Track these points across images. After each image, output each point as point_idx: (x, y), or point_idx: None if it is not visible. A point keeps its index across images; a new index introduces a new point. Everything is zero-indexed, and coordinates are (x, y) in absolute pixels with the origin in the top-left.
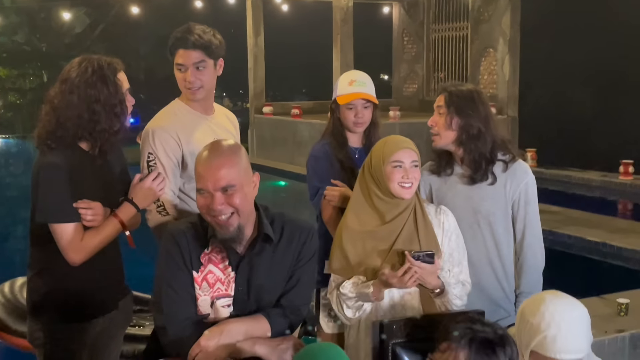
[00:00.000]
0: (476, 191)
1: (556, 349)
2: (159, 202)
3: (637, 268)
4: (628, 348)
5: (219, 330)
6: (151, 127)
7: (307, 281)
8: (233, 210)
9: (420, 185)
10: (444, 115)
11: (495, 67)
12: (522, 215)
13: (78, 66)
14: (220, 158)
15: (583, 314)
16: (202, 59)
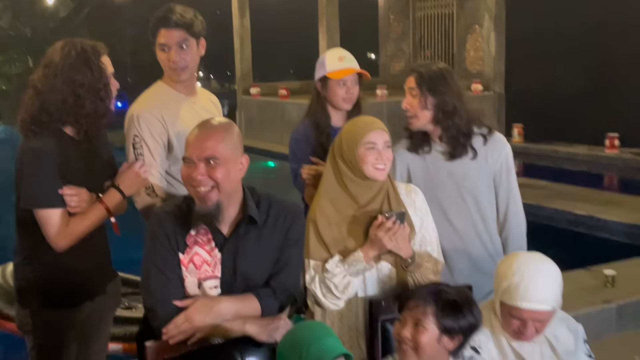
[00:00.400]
0: (459, 166)
1: (518, 296)
2: (147, 184)
3: (623, 240)
4: (615, 318)
5: (209, 307)
6: (135, 109)
7: (296, 262)
8: (213, 184)
9: (397, 164)
10: (417, 96)
11: (481, 43)
12: (505, 185)
13: (61, 50)
14: (210, 130)
15: (550, 269)
16: (185, 37)
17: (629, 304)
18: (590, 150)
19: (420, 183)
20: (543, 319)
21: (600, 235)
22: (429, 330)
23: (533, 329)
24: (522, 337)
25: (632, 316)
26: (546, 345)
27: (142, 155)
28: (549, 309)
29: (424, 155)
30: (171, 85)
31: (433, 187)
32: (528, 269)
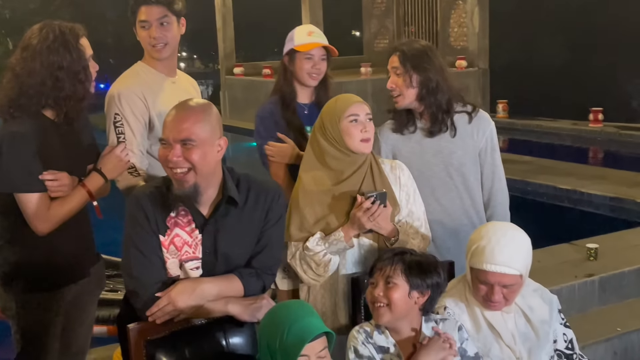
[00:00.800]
0: (445, 144)
1: (483, 259)
2: (130, 163)
3: (607, 214)
4: (598, 291)
5: (191, 288)
6: (116, 88)
7: (277, 242)
8: (190, 166)
9: (382, 146)
10: (401, 74)
11: (465, 19)
12: (490, 162)
13: (39, 32)
14: (187, 112)
15: (518, 235)
16: (166, 14)
17: (612, 276)
18: (574, 125)
19: (408, 163)
20: (510, 284)
21: (584, 209)
22: (399, 285)
23: (501, 295)
24: (491, 304)
25: (615, 289)
26: (520, 315)
27: (123, 134)
28: (514, 273)
29: (409, 135)
30: (152, 65)
31: (420, 165)
32: (495, 234)
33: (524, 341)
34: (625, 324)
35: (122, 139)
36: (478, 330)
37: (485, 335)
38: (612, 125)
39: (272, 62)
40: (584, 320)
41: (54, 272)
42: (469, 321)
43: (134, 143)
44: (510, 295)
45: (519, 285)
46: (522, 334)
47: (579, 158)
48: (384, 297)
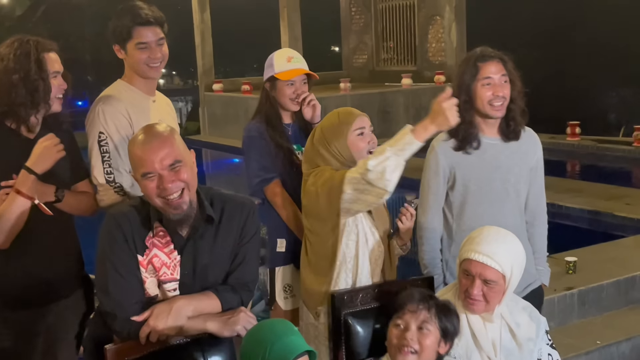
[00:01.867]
0: (504, 160)
1: (470, 248)
2: (116, 184)
3: (585, 227)
4: (577, 304)
5: (167, 309)
6: (99, 106)
7: (253, 258)
8: (183, 186)
9: (440, 159)
10: (507, 81)
11: (443, 34)
12: (539, 182)
13: (9, 43)
14: (159, 138)
15: (511, 239)
16: (161, 34)
17: (591, 289)
18: (551, 139)
19: (467, 177)
20: (490, 280)
21: (562, 222)
22: (432, 332)
23: (480, 290)
24: (470, 301)
25: (594, 302)
26: (506, 330)
27: (108, 152)
28: (496, 268)
29: (472, 152)
30: (133, 84)
31: (479, 180)
32: (490, 232)
33: (507, 355)
34: (605, 337)
35: (106, 157)
36: (460, 336)
37: (467, 341)
38: (590, 139)
39: (251, 78)
40: (564, 334)
41: (27, 292)
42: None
43: (119, 162)
44: (490, 296)
45: (501, 287)
46: (505, 348)
47: (556, 171)
48: (415, 343)
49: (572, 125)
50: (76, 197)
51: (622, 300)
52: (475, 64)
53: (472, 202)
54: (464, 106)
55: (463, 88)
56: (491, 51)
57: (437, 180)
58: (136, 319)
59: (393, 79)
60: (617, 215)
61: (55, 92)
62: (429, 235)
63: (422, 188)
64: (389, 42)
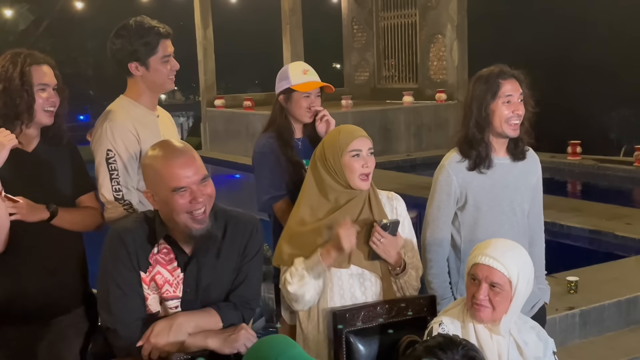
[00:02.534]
0: (512, 179)
1: (476, 253)
2: (125, 201)
3: (586, 246)
4: (578, 324)
5: (168, 325)
6: (107, 123)
7: (255, 276)
8: (206, 202)
9: (452, 178)
10: (522, 101)
11: (444, 53)
12: (538, 201)
13: (4, 57)
14: (186, 154)
15: (519, 248)
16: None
17: (592, 309)
18: (553, 158)
19: (478, 197)
20: (497, 283)
21: (563, 242)
22: None
23: (486, 294)
24: (476, 307)
25: (595, 322)
26: (514, 347)
27: (116, 170)
28: (502, 271)
29: (485, 171)
30: (137, 100)
31: (489, 200)
32: (498, 240)
33: None
34: (605, 357)
35: (115, 175)
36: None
37: None
38: (591, 158)
39: (253, 94)
40: (565, 354)
41: (25, 307)
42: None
43: (127, 179)
44: (496, 301)
45: (507, 294)
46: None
47: (557, 190)
48: None
49: (573, 144)
50: (73, 213)
51: (623, 321)
52: (497, 81)
53: (483, 222)
54: (478, 126)
55: (482, 106)
56: (509, 69)
57: (448, 201)
58: (140, 343)
59: (394, 96)
60: (618, 235)
61: (42, 104)
62: (438, 257)
63: (432, 209)
64: (390, 59)
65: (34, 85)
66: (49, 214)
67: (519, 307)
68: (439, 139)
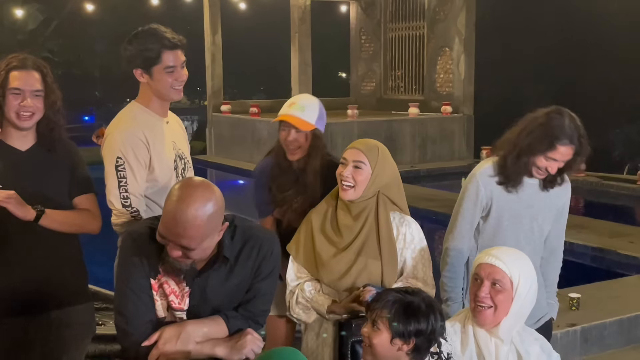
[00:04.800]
0: (537, 199)
1: (481, 255)
2: (132, 209)
3: (588, 263)
4: (579, 341)
5: (176, 332)
6: (117, 130)
7: (266, 294)
8: (188, 259)
9: (480, 189)
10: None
11: (451, 66)
12: (562, 223)
13: (4, 58)
14: (187, 219)
15: (523, 256)
16: (184, 57)
17: (593, 327)
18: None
19: (501, 211)
20: (498, 280)
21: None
22: (382, 331)
23: (487, 291)
24: (478, 305)
25: (597, 339)
26: (514, 355)
27: (125, 178)
28: (504, 270)
29: (511, 190)
30: (148, 106)
31: (512, 216)
32: (504, 247)
33: None
34: None
35: (123, 183)
36: (464, 349)
37: (471, 355)
38: (594, 175)
39: (260, 100)
40: None
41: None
42: (459, 340)
43: (136, 187)
44: (497, 299)
45: (508, 294)
46: None
47: None
48: (367, 338)
49: None
50: (64, 214)
51: (624, 339)
52: (554, 143)
53: (502, 235)
54: (525, 154)
55: (530, 148)
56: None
57: (474, 210)
58: (145, 344)
59: (400, 107)
60: (620, 253)
61: (14, 108)
62: (456, 262)
63: (457, 215)
64: (397, 70)
65: (7, 89)
66: (35, 213)
67: (520, 314)
68: (444, 151)
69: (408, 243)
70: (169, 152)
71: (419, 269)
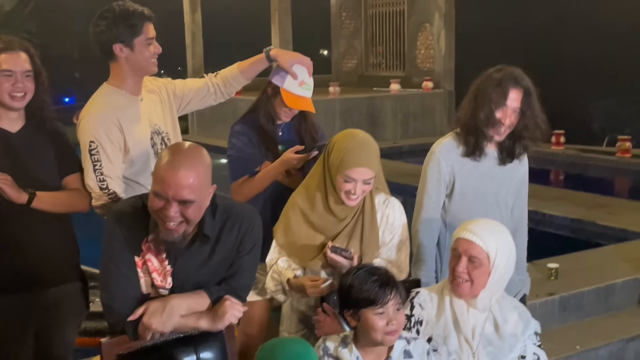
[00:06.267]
0: (498, 171)
1: (460, 228)
2: (109, 191)
3: (567, 234)
4: (558, 309)
5: (161, 307)
6: (89, 114)
7: (248, 269)
8: (183, 220)
9: (442, 165)
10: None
11: (432, 41)
12: (523, 194)
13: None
14: (186, 169)
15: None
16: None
17: (571, 296)
18: (536, 146)
19: (464, 186)
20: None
21: (546, 230)
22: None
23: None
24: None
25: (574, 308)
26: (491, 322)
27: (99, 161)
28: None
29: (476, 160)
30: (120, 87)
31: (475, 190)
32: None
33: (486, 345)
34: (584, 342)
35: (98, 166)
36: (440, 316)
37: (447, 323)
38: (574, 148)
39: None
40: (545, 338)
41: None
42: (435, 309)
43: (111, 169)
44: (474, 275)
45: (485, 268)
46: (486, 337)
47: (541, 180)
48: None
49: (557, 134)
50: (54, 195)
51: (602, 307)
52: (506, 88)
53: (467, 211)
54: (482, 120)
55: (490, 105)
56: (520, 75)
57: (438, 187)
58: (131, 318)
59: (381, 84)
60: (598, 224)
61: (7, 89)
62: (427, 244)
63: (422, 195)
64: (378, 47)
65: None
66: (27, 197)
67: (499, 284)
68: (426, 127)
69: (389, 225)
70: (144, 131)
71: (395, 254)
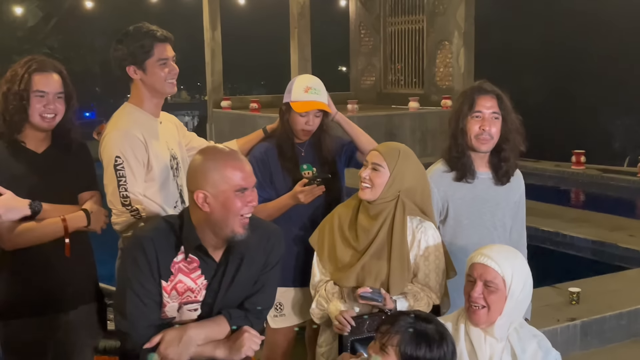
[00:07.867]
0: (493, 194)
1: (474, 254)
2: (132, 207)
3: (589, 257)
4: (579, 335)
5: (178, 337)
6: (116, 130)
7: (271, 286)
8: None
9: (434, 192)
10: (498, 118)
11: (451, 59)
12: (521, 217)
13: (22, 60)
14: (244, 159)
15: (516, 253)
16: (173, 52)
17: (593, 321)
18: (557, 167)
19: (459, 210)
20: (490, 281)
21: (566, 252)
22: (390, 356)
23: (480, 292)
24: (472, 306)
25: (597, 333)
26: (508, 352)
27: (124, 177)
28: (496, 269)
29: (468, 183)
30: (141, 106)
31: (470, 214)
32: (497, 245)
33: None
34: None
35: (122, 182)
36: (456, 344)
37: (461, 354)
38: (595, 168)
39: (260, 96)
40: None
41: (27, 301)
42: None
43: (135, 186)
44: (490, 300)
45: (502, 293)
46: None
47: (561, 200)
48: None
49: (577, 154)
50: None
51: (624, 333)
52: (472, 97)
53: (463, 236)
54: (460, 136)
55: (459, 118)
56: (489, 85)
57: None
58: (147, 346)
59: (400, 101)
60: (620, 247)
61: (39, 110)
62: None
63: None
64: (397, 64)
65: (31, 91)
66: (30, 211)
67: (516, 310)
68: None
69: (422, 250)
70: (164, 152)
71: (431, 278)
